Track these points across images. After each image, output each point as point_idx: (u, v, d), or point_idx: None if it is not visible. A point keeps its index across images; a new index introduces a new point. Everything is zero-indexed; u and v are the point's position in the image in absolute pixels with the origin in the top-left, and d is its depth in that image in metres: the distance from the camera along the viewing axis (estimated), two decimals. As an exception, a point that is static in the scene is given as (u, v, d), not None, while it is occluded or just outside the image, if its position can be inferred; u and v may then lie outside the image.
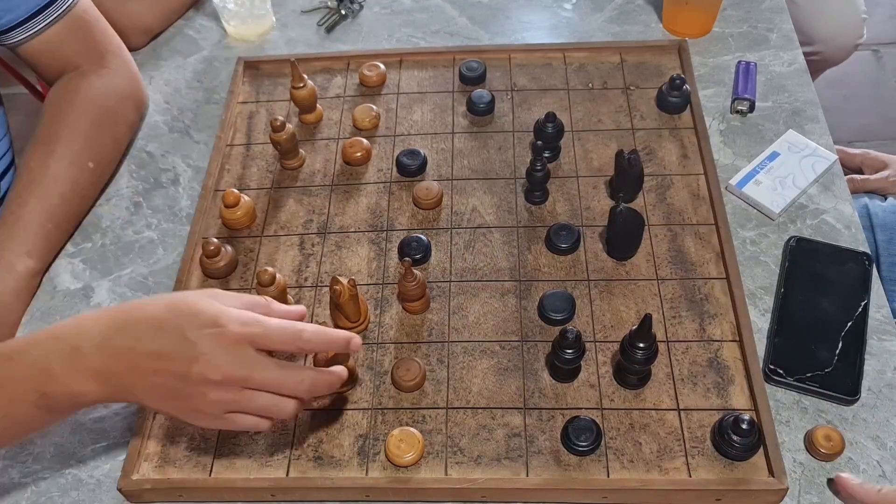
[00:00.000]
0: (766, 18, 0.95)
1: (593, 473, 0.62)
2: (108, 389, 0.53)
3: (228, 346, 0.51)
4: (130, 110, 0.88)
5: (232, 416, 0.54)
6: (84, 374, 0.52)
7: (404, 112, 0.88)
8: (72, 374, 0.52)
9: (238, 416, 0.54)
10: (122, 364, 0.52)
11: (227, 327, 0.51)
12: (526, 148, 0.83)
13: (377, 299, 0.73)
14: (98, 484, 0.66)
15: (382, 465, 0.63)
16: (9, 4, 0.79)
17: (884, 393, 0.65)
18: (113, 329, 0.52)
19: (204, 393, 0.51)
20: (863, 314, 0.69)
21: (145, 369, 0.52)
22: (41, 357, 0.52)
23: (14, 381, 0.52)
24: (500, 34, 0.97)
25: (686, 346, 0.68)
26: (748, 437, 0.60)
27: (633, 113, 0.85)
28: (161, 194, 0.85)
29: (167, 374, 0.51)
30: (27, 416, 0.54)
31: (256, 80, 0.94)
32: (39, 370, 0.52)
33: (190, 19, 1.04)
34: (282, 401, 0.54)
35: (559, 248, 0.74)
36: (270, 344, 0.53)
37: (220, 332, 0.51)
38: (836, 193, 0.78)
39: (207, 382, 0.51)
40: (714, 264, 0.73)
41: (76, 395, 0.53)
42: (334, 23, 1.01)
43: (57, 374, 0.52)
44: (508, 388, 0.67)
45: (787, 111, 0.86)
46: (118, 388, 0.53)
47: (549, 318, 0.70)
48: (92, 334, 0.52)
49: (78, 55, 0.85)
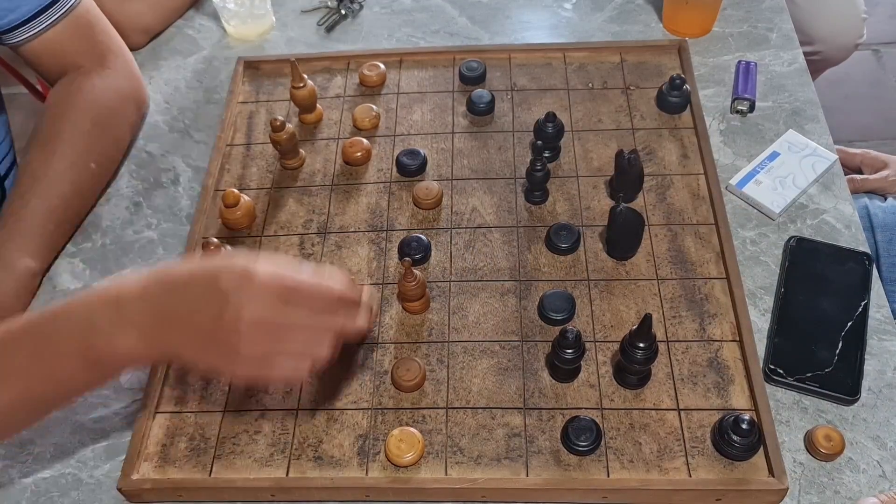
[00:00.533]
0: (766, 18, 0.95)
1: (593, 473, 0.62)
2: (148, 343, 0.53)
3: (259, 291, 0.52)
4: (132, 110, 0.88)
5: (269, 361, 0.54)
6: (126, 327, 0.53)
7: (404, 112, 0.88)
8: (115, 326, 0.53)
9: (275, 359, 0.54)
10: (161, 314, 0.53)
11: (258, 275, 0.53)
12: (526, 148, 0.83)
13: (377, 299, 0.73)
14: (98, 484, 0.66)
15: (382, 465, 0.63)
16: (11, 4, 0.79)
17: (884, 393, 0.65)
18: (153, 282, 0.54)
19: (239, 336, 0.52)
20: (863, 314, 0.69)
21: (183, 318, 0.53)
22: (85, 313, 0.53)
23: (60, 336, 0.53)
24: (500, 34, 0.97)
25: (686, 346, 0.68)
26: (748, 437, 0.60)
27: (633, 113, 0.85)
28: (161, 194, 0.85)
29: (203, 321, 0.53)
30: (73, 374, 0.54)
31: (256, 79, 0.94)
32: (84, 324, 0.53)
33: (190, 19, 1.04)
34: (317, 342, 0.55)
35: (559, 247, 0.74)
36: (300, 296, 0.54)
37: (250, 280, 0.52)
38: (837, 193, 0.78)
39: (241, 324, 0.52)
40: (714, 264, 0.73)
41: (119, 350, 0.53)
42: (334, 23, 1.01)
43: (101, 327, 0.53)
44: (508, 388, 0.67)
45: (787, 111, 0.86)
46: (159, 340, 0.54)
47: (549, 318, 0.70)
48: (133, 289, 0.54)
49: (79, 55, 0.85)
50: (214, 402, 0.68)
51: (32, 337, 0.54)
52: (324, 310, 0.55)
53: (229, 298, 0.52)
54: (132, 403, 0.70)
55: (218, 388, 0.69)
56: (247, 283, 0.52)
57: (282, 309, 0.53)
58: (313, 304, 0.54)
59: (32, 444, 0.68)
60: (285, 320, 0.53)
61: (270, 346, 0.53)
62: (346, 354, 0.65)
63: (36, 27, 0.81)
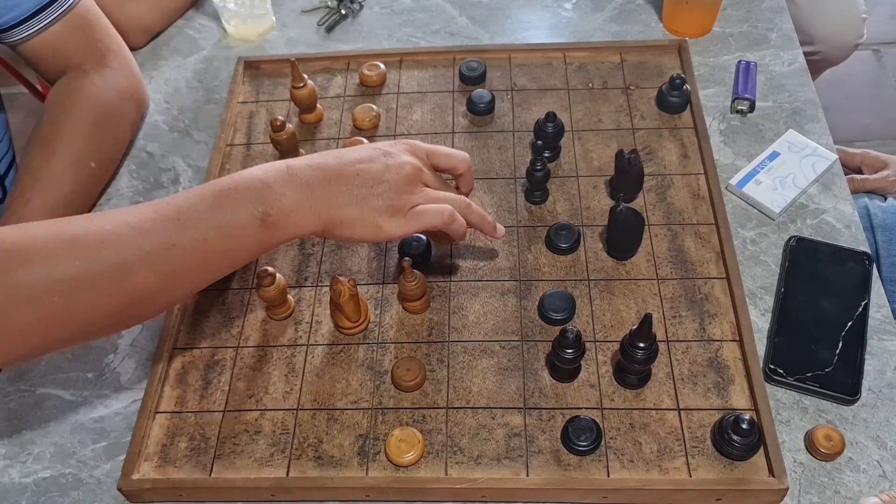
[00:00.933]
0: (766, 18, 0.95)
1: (593, 473, 0.62)
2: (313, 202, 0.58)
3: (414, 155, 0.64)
4: (131, 109, 0.89)
5: (416, 210, 0.61)
6: (296, 185, 0.58)
7: (404, 112, 0.88)
8: (286, 185, 0.57)
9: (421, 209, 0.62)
10: (328, 172, 0.60)
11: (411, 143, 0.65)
12: (526, 147, 0.83)
13: (377, 299, 0.73)
14: (98, 484, 0.66)
15: (382, 464, 0.63)
16: (10, 2, 0.79)
17: (884, 393, 0.65)
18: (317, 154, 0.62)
19: (397, 188, 0.61)
20: (863, 314, 0.69)
21: (349, 172, 0.60)
22: (261, 174, 0.58)
23: (238, 192, 0.56)
24: (500, 34, 0.97)
25: (686, 345, 0.68)
26: (748, 437, 0.60)
27: (634, 113, 0.85)
28: (161, 194, 0.85)
29: (368, 173, 0.60)
30: (248, 230, 0.56)
31: (256, 79, 0.94)
32: (259, 183, 0.57)
33: (190, 19, 1.04)
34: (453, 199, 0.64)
35: (559, 247, 0.74)
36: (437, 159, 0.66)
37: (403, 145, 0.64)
38: (837, 193, 0.78)
39: (400, 177, 0.61)
40: (714, 264, 0.73)
41: (288, 205, 0.57)
42: (334, 22, 1.01)
43: (273, 185, 0.57)
44: (508, 388, 0.67)
45: (787, 111, 0.86)
46: (322, 199, 0.59)
47: (549, 318, 0.70)
48: (301, 158, 0.61)
49: (79, 54, 0.85)
50: (214, 402, 0.68)
51: (214, 191, 0.57)
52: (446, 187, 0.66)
53: (392, 157, 0.62)
54: (132, 403, 0.70)
55: (218, 388, 0.69)
56: (404, 149, 0.64)
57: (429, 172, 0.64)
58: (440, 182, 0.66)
59: (32, 443, 0.68)
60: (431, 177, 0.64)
61: (419, 199, 0.62)
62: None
63: (35, 25, 0.81)
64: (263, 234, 0.57)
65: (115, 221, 0.54)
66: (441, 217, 0.62)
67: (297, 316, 0.73)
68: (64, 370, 0.72)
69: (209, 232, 0.55)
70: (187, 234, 0.55)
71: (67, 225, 0.54)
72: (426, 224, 0.62)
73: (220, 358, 0.71)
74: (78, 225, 0.54)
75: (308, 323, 0.72)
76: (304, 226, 0.59)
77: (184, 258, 0.55)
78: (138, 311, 0.56)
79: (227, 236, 0.56)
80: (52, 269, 0.51)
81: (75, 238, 0.53)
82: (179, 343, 0.72)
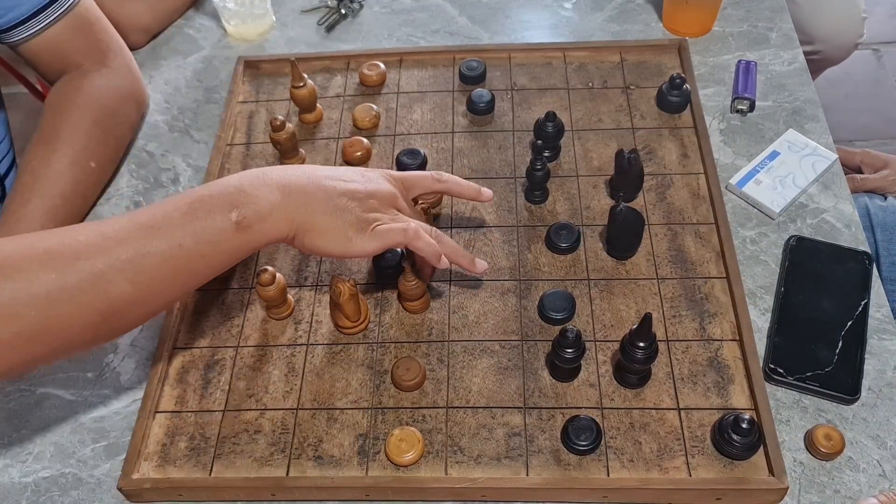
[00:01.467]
0: (766, 17, 0.95)
1: (593, 473, 0.62)
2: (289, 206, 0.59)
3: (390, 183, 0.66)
4: (132, 109, 0.89)
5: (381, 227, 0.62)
6: (271, 190, 0.59)
7: (404, 111, 0.88)
8: (262, 188, 0.59)
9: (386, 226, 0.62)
10: (303, 179, 0.61)
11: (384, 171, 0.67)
12: (526, 147, 0.83)
13: (377, 299, 0.73)
14: (98, 483, 0.66)
15: (382, 464, 0.63)
16: (10, 3, 0.79)
17: (884, 392, 0.65)
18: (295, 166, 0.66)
19: (368, 205, 0.62)
20: (863, 313, 0.69)
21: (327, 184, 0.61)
22: (235, 179, 0.59)
23: (212, 198, 0.57)
24: (500, 33, 0.97)
25: (686, 345, 0.68)
26: (748, 437, 0.60)
27: (633, 112, 0.85)
28: (161, 194, 0.85)
29: (346, 187, 0.62)
30: (223, 235, 0.57)
31: (256, 79, 0.94)
32: (233, 188, 0.58)
33: (190, 19, 1.04)
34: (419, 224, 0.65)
35: (559, 247, 0.74)
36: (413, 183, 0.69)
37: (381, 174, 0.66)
38: (837, 193, 0.78)
39: (375, 196, 0.63)
40: (714, 263, 0.73)
41: (262, 209, 0.58)
42: (334, 22, 1.01)
43: (248, 189, 0.58)
44: (508, 388, 0.67)
45: (787, 110, 0.86)
46: (298, 204, 0.60)
47: (549, 318, 0.70)
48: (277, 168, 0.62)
49: (79, 54, 0.85)
50: (214, 401, 0.68)
51: (189, 198, 0.57)
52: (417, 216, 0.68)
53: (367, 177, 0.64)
54: (132, 403, 0.70)
55: (218, 388, 0.69)
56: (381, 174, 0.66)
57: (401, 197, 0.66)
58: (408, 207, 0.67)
59: (32, 443, 0.68)
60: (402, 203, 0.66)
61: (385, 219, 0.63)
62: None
63: (35, 26, 0.81)
64: (239, 238, 0.57)
65: (89, 233, 0.54)
66: (405, 234, 0.62)
67: (297, 315, 0.73)
68: (64, 370, 0.72)
69: (185, 238, 0.55)
70: (162, 242, 0.55)
71: (41, 238, 0.54)
72: (391, 241, 0.62)
73: (219, 357, 0.71)
74: (51, 238, 0.54)
75: (308, 322, 0.72)
76: (277, 229, 0.59)
77: (159, 266, 0.55)
78: (117, 323, 0.56)
79: (203, 242, 0.56)
80: (28, 284, 0.51)
81: (49, 251, 0.53)
82: (179, 343, 0.72)
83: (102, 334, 0.57)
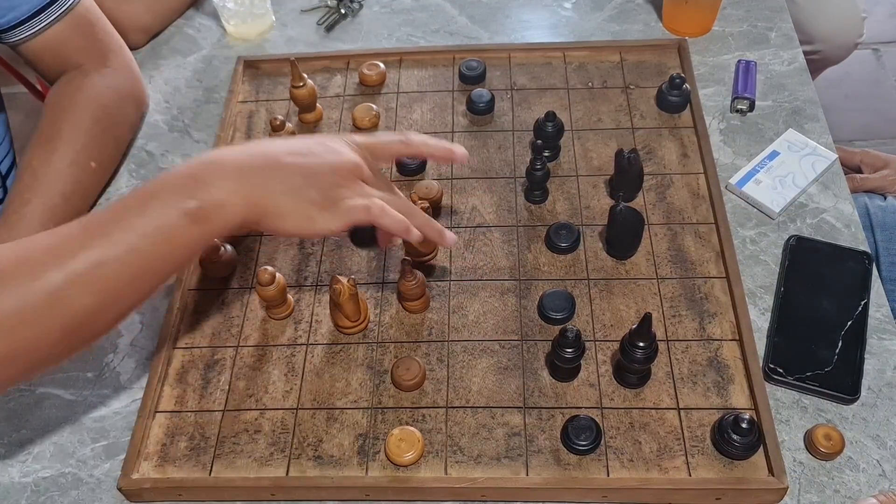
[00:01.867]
0: (765, 17, 0.95)
1: (593, 473, 0.62)
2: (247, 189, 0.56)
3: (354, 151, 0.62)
4: (132, 109, 0.89)
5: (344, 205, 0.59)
6: (226, 174, 0.56)
7: (404, 111, 0.88)
8: (216, 174, 0.56)
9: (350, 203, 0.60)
10: (260, 159, 0.58)
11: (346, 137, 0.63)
12: (526, 147, 0.83)
13: (377, 299, 0.73)
14: (98, 483, 0.66)
15: (382, 464, 0.63)
16: (10, 3, 0.79)
17: (884, 392, 0.65)
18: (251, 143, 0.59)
19: (331, 180, 0.59)
20: (863, 313, 0.69)
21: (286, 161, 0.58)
22: (187, 169, 0.56)
23: (165, 191, 0.54)
24: (499, 33, 0.97)
25: (686, 345, 0.68)
26: (748, 437, 0.60)
27: (633, 112, 0.85)
28: (161, 194, 0.85)
29: (305, 163, 0.59)
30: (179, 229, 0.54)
31: (256, 79, 0.94)
32: (185, 177, 0.55)
33: (189, 18, 1.04)
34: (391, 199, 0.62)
35: (559, 247, 0.74)
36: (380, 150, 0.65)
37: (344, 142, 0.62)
38: (836, 192, 0.78)
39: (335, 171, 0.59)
40: (714, 263, 0.73)
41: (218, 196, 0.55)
42: (334, 22, 1.01)
43: (201, 176, 0.55)
44: (508, 388, 0.67)
45: (787, 110, 0.86)
46: (256, 186, 0.57)
47: (548, 318, 0.70)
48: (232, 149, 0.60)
49: (79, 54, 0.85)
50: (214, 401, 0.68)
51: (139, 196, 0.55)
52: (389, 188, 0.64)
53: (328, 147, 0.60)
54: (132, 403, 0.70)
55: (218, 388, 0.69)
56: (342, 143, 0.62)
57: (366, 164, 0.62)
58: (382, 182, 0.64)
59: (32, 443, 0.68)
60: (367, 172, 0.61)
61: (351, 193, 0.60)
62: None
63: (36, 26, 0.81)
64: (195, 230, 0.55)
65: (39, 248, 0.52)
66: (369, 212, 0.60)
67: (297, 315, 0.73)
68: (64, 370, 0.72)
69: (139, 241, 0.53)
70: (117, 248, 0.52)
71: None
72: (354, 218, 0.60)
73: (219, 357, 0.71)
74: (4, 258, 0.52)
75: (308, 322, 0.72)
76: (236, 215, 0.56)
77: (119, 273, 0.53)
78: (85, 334, 0.54)
79: (159, 242, 0.54)
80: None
81: (3, 273, 0.51)
82: (179, 342, 0.72)
83: (73, 347, 0.55)
